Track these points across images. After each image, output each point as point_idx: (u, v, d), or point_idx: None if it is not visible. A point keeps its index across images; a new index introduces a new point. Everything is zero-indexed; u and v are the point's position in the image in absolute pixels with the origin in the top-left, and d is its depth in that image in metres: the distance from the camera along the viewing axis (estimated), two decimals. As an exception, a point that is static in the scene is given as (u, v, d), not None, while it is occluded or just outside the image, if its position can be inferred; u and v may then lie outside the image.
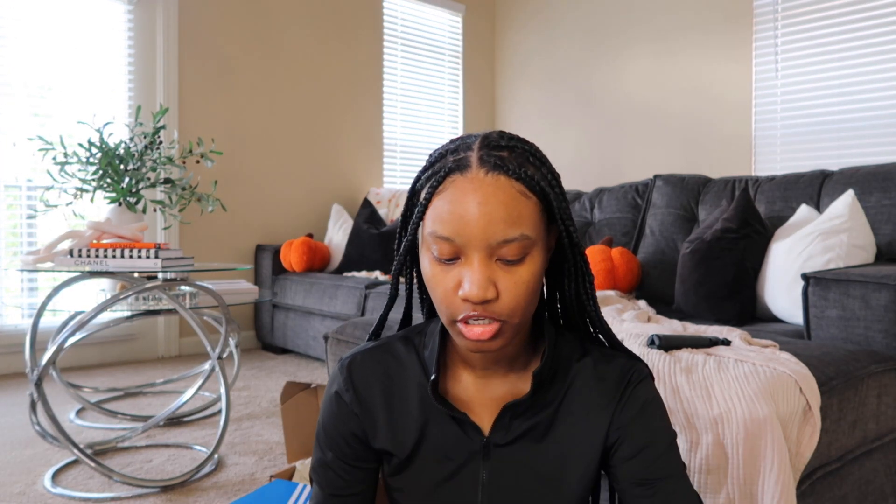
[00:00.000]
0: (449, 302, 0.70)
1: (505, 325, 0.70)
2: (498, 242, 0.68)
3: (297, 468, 1.63)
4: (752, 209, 2.32)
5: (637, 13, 4.23)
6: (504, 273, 0.69)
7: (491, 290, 0.68)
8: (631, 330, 1.67)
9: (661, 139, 4.11)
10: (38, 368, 1.84)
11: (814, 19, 3.46)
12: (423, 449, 0.79)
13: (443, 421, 0.79)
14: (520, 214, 0.68)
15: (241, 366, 2.98)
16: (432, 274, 0.71)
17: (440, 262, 0.70)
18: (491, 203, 0.67)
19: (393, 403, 0.80)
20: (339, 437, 0.81)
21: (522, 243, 0.68)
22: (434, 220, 0.70)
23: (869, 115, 3.28)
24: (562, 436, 0.79)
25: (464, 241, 0.68)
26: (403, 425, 0.80)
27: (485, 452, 0.78)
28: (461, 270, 0.69)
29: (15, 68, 3.25)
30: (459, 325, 0.70)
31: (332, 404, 0.82)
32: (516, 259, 0.69)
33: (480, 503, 0.79)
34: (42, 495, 1.81)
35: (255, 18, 3.98)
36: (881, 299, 1.66)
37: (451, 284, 0.70)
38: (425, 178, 0.74)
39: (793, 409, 1.21)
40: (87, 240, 2.17)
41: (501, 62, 5.13)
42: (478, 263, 0.68)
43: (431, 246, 0.71)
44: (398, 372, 0.81)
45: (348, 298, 3.26)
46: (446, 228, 0.68)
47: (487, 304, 0.68)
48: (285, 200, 4.13)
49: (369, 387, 0.81)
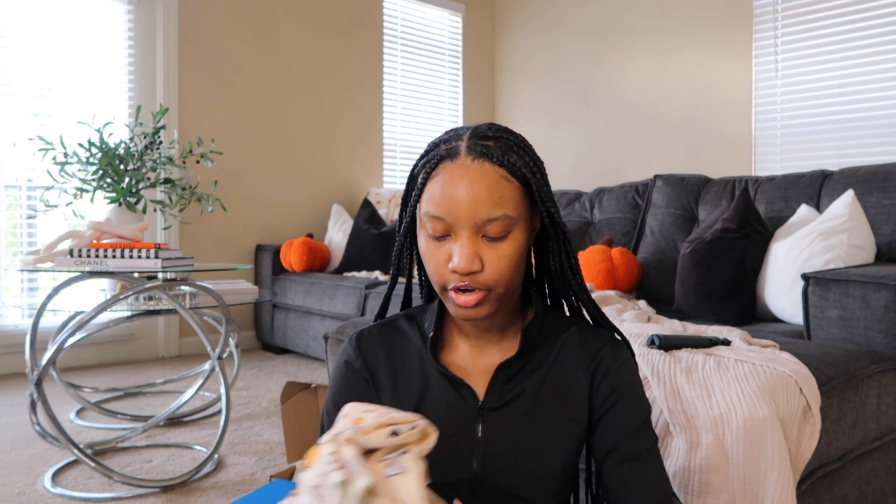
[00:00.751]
0: (440, 273, 0.80)
1: (489, 294, 0.79)
2: (483, 221, 0.77)
3: (297, 468, 1.63)
4: (752, 209, 2.32)
5: (637, 13, 4.23)
6: (488, 248, 0.78)
7: (476, 262, 0.77)
8: (631, 330, 1.67)
9: (661, 139, 4.11)
10: (38, 368, 1.84)
11: (814, 19, 3.46)
12: (424, 411, 0.85)
13: (441, 386, 0.86)
14: (502, 196, 0.77)
15: (241, 366, 2.98)
16: (427, 249, 0.81)
17: (433, 239, 0.80)
18: (476, 186, 0.77)
19: (397, 371, 0.89)
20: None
21: (504, 222, 0.77)
22: (428, 201, 0.79)
23: (869, 115, 3.28)
24: (550, 402, 0.86)
25: (453, 220, 0.77)
26: (406, 391, 0.88)
27: (480, 415, 0.85)
28: (451, 246, 0.79)
29: (15, 68, 3.25)
30: (450, 293, 0.80)
31: (341, 373, 0.90)
32: (499, 236, 0.78)
33: (475, 463, 0.84)
34: (42, 495, 1.81)
35: (255, 18, 3.98)
36: (881, 299, 1.66)
37: (443, 258, 0.79)
38: (421, 164, 0.83)
39: (793, 409, 1.21)
40: (87, 240, 2.17)
41: (501, 62, 5.13)
42: (465, 239, 0.77)
43: (426, 224, 0.80)
44: (402, 344, 0.90)
45: (348, 298, 3.26)
46: (438, 209, 0.78)
47: (473, 275, 0.78)
48: (285, 200, 4.14)
49: (376, 356, 0.89)
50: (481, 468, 0.84)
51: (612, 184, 4.25)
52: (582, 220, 3.25)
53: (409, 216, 0.85)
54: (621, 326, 1.78)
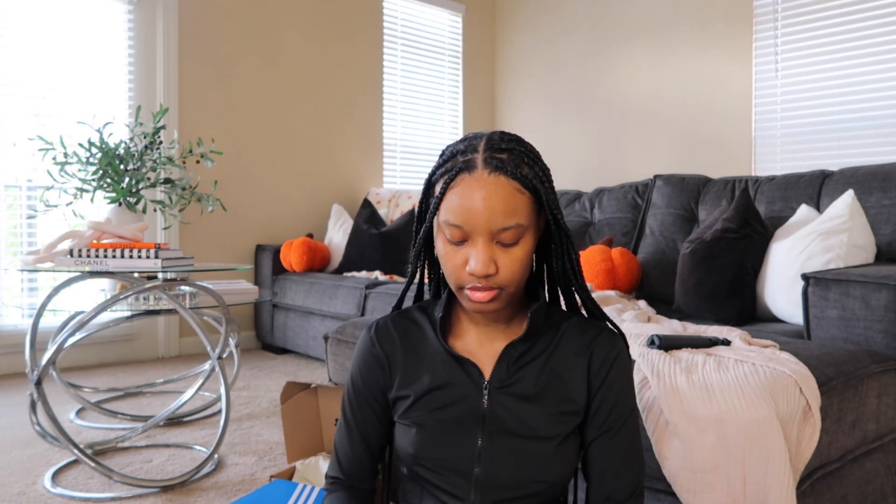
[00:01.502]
0: (458, 275, 0.88)
1: (502, 292, 0.88)
2: (498, 229, 0.85)
3: (297, 468, 1.63)
4: (752, 209, 2.32)
5: (637, 13, 4.23)
6: (502, 253, 0.87)
7: (492, 266, 0.85)
8: (631, 330, 1.67)
9: (661, 139, 4.11)
10: (38, 368, 1.84)
11: (814, 19, 3.46)
12: (434, 390, 0.94)
13: (450, 366, 0.95)
14: (515, 207, 0.85)
15: (241, 366, 2.98)
16: (445, 252, 0.89)
17: (451, 244, 0.88)
18: (493, 199, 0.84)
19: (409, 354, 0.98)
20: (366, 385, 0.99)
21: (517, 230, 0.86)
22: (447, 210, 0.87)
23: (869, 115, 3.28)
24: (550, 384, 0.93)
25: (471, 228, 0.85)
26: (417, 371, 0.96)
27: (486, 392, 0.92)
28: (468, 250, 0.87)
29: (15, 68, 3.25)
30: (466, 292, 0.88)
31: (362, 358, 1.00)
32: (512, 242, 0.86)
33: (480, 442, 0.91)
34: (42, 495, 1.81)
35: (255, 18, 3.98)
36: (881, 299, 1.66)
37: (460, 261, 0.87)
38: (439, 174, 0.91)
39: (793, 409, 1.21)
40: (87, 240, 2.17)
41: (501, 62, 5.13)
42: (482, 245, 0.85)
43: (445, 230, 0.88)
44: (415, 332, 0.99)
45: (348, 298, 3.26)
46: (457, 218, 0.85)
47: (489, 278, 0.86)
48: (285, 200, 4.13)
49: (391, 343, 0.98)
50: (487, 443, 0.91)
51: (612, 184, 4.25)
52: (582, 220, 3.25)
53: (428, 223, 0.92)
54: (621, 326, 1.78)
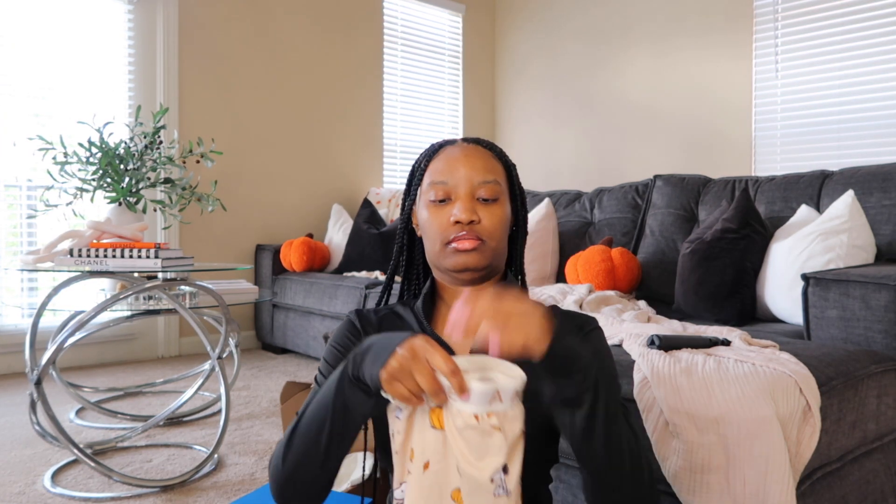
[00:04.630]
0: (443, 230, 0.95)
1: (484, 245, 0.94)
2: (479, 183, 0.95)
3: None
4: (752, 209, 2.32)
5: (637, 13, 4.23)
6: (483, 208, 0.96)
7: (475, 214, 0.94)
8: (631, 330, 1.67)
9: (661, 139, 4.11)
10: (38, 368, 1.84)
11: (814, 19, 3.46)
12: None
13: None
14: (493, 167, 0.98)
15: (241, 366, 2.98)
16: (430, 215, 0.97)
17: (436, 204, 0.96)
18: (472, 157, 0.97)
19: None
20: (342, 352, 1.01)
21: (495, 187, 0.96)
22: (432, 172, 0.98)
23: (869, 115, 3.28)
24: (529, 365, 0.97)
25: (454, 183, 0.95)
26: None
27: None
28: (452, 208, 0.95)
29: (15, 68, 3.25)
30: (451, 245, 0.94)
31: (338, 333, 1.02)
32: (492, 198, 0.96)
33: None
34: (42, 495, 1.81)
35: (255, 18, 3.98)
36: (881, 299, 1.66)
37: (445, 218, 0.95)
38: (423, 154, 1.02)
39: (793, 409, 1.21)
40: (87, 240, 2.17)
41: (501, 62, 5.13)
42: (464, 197, 0.95)
43: (428, 193, 0.97)
44: (397, 322, 1.02)
45: (348, 298, 3.26)
46: (442, 174, 0.96)
47: (472, 225, 0.94)
48: (285, 200, 4.13)
49: (371, 326, 1.02)
50: None
51: (612, 184, 4.25)
52: (582, 220, 3.25)
53: (413, 196, 1.00)
54: (621, 326, 1.78)
